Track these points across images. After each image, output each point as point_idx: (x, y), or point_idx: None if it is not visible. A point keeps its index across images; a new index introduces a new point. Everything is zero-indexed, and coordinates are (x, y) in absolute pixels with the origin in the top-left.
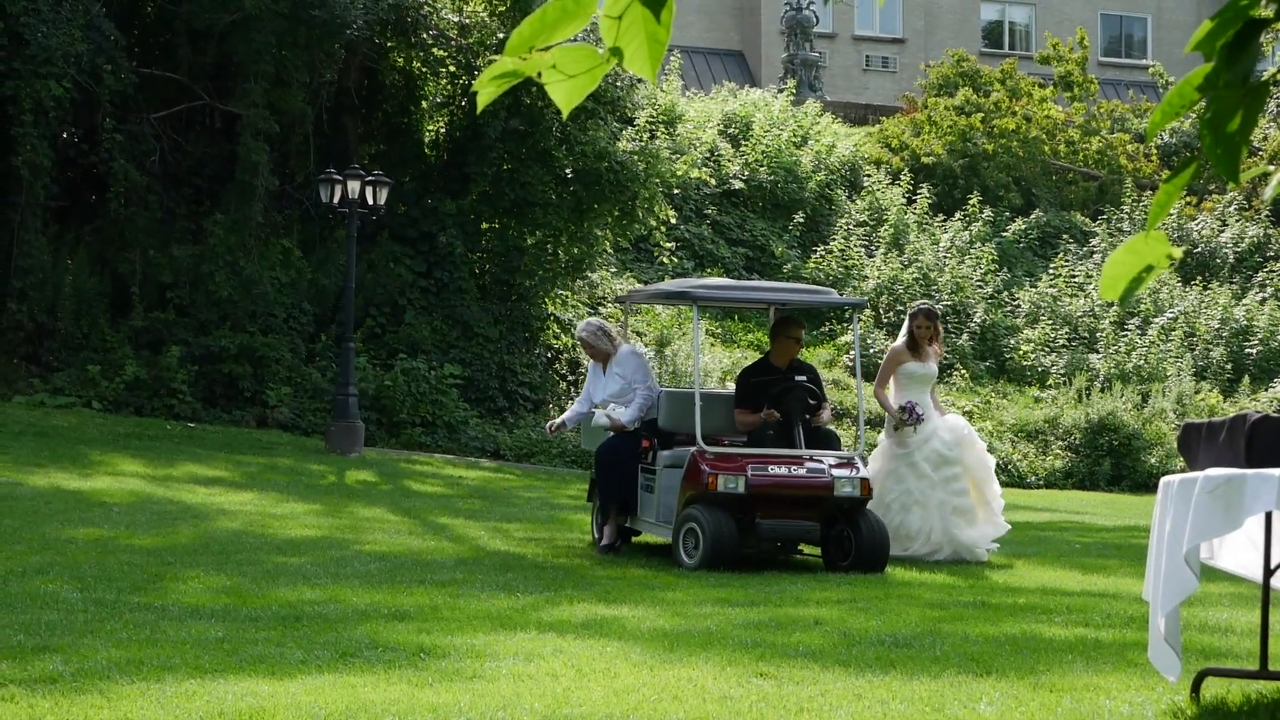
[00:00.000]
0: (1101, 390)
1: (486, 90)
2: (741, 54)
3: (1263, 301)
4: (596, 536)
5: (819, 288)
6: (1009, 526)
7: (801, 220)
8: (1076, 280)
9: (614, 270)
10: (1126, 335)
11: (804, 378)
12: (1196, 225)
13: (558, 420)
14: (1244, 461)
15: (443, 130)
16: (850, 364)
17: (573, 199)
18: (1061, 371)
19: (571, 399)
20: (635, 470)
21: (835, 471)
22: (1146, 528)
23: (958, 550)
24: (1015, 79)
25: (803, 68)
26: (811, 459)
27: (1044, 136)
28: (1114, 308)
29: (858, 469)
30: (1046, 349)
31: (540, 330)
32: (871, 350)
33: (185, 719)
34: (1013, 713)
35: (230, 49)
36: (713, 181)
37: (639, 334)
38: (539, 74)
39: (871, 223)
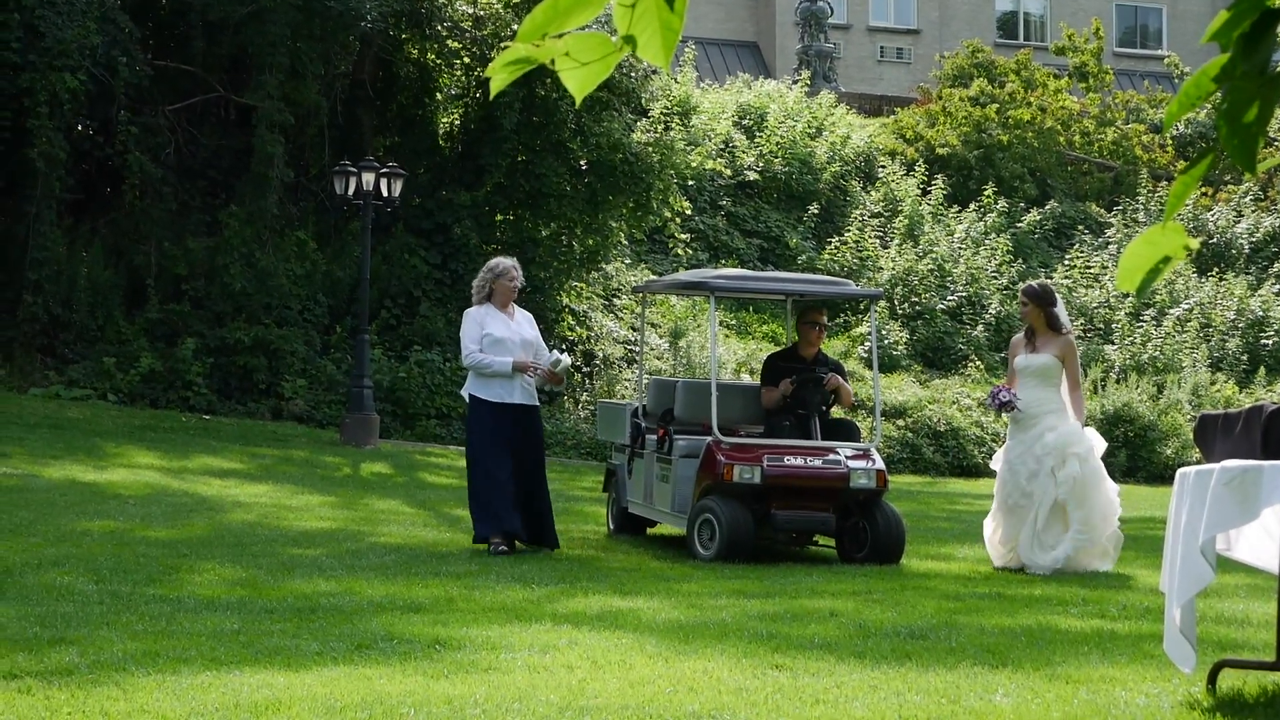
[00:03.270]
0: (1117, 381)
1: (499, 76)
2: (756, 45)
3: (1279, 293)
4: (612, 527)
5: (836, 279)
6: (1049, 569)
7: (816, 211)
8: (1091, 271)
9: (629, 262)
10: (1142, 326)
11: (827, 371)
12: (1212, 216)
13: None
14: (1260, 453)
15: (457, 122)
16: (865, 355)
17: (587, 190)
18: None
19: (586, 390)
20: None
21: (851, 463)
22: (1162, 519)
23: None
24: (1030, 70)
25: (817, 59)
26: (828, 450)
27: (1059, 127)
28: (1129, 299)
29: (874, 460)
30: None
31: (555, 322)
32: (886, 341)
33: (201, 711)
34: (1029, 704)
35: (245, 41)
36: (727, 173)
37: (653, 325)
38: (552, 61)
39: (886, 214)
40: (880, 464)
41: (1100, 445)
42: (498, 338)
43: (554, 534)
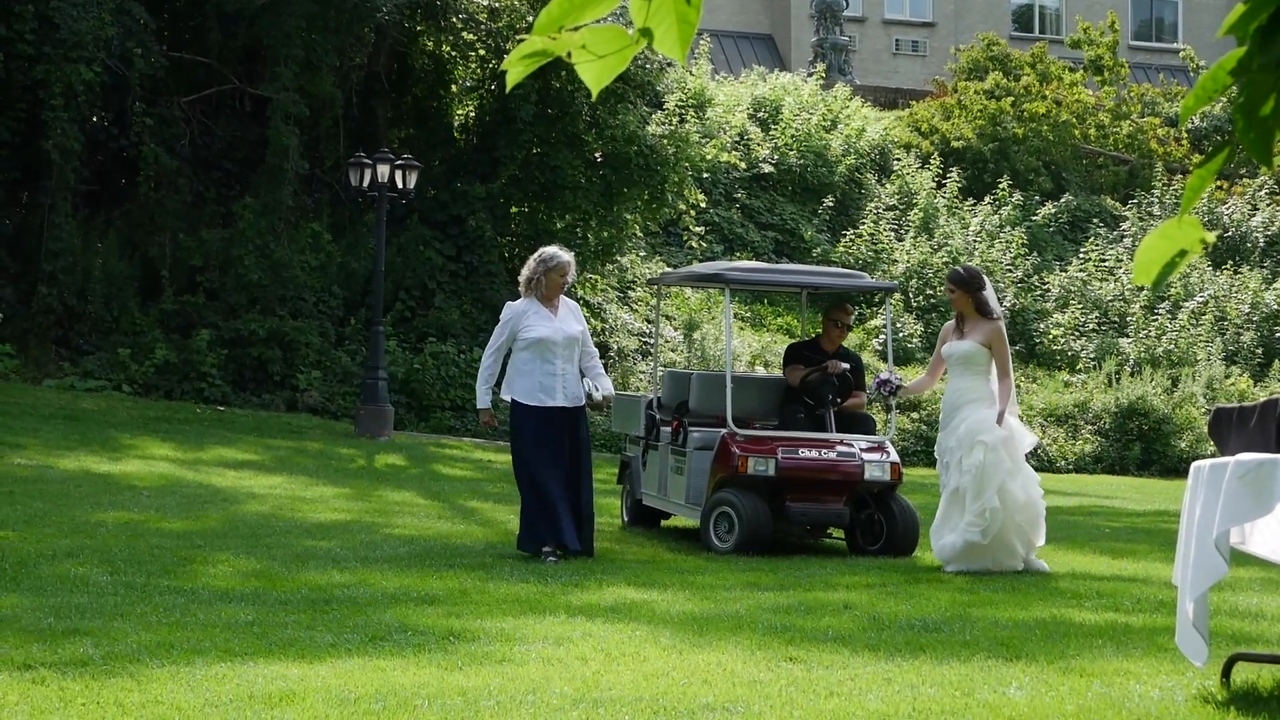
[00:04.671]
0: (1131, 374)
1: (516, 69)
2: (771, 38)
3: None
4: (626, 519)
5: (851, 271)
6: (944, 557)
7: (831, 204)
8: (1106, 264)
9: (643, 254)
10: (1157, 319)
11: (846, 365)
12: (1227, 209)
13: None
14: (1275, 446)
15: (472, 114)
16: (880, 348)
17: (602, 183)
18: (1091, 356)
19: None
20: None
21: (866, 455)
22: (1176, 513)
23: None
24: (1045, 63)
25: (832, 51)
26: (842, 443)
27: (1074, 120)
28: (1144, 292)
29: (888, 453)
30: (1076, 333)
31: None
32: (900, 334)
33: (215, 702)
34: (1042, 697)
35: (260, 33)
36: (742, 165)
37: (668, 317)
38: (568, 54)
39: (901, 207)
40: (894, 456)
41: (1028, 440)
42: (538, 337)
43: (589, 543)
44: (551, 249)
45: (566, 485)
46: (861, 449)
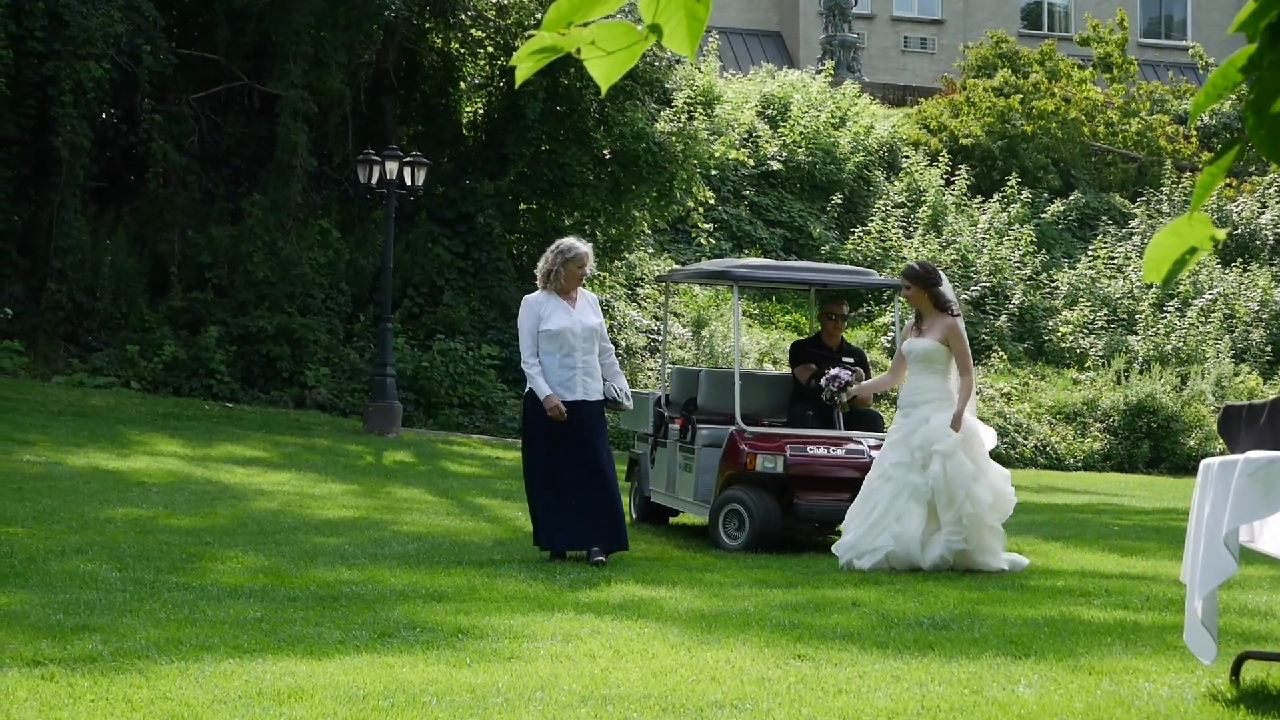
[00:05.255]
0: (1140, 372)
1: (525, 65)
2: (780, 35)
3: None
4: (634, 516)
5: (859, 269)
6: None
7: (839, 201)
8: (1115, 262)
9: (652, 251)
10: (1165, 317)
11: (850, 359)
12: (1236, 207)
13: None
14: None
15: (481, 111)
16: (888, 345)
17: (611, 180)
18: (1100, 353)
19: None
20: None
21: (874, 452)
22: (1185, 510)
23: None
24: (1054, 60)
25: (841, 49)
26: (850, 439)
27: (1083, 118)
28: (1153, 289)
29: None
30: (1085, 331)
31: None
32: None
33: (223, 698)
34: (1051, 695)
35: (269, 29)
36: (750, 162)
37: (676, 314)
38: (577, 50)
39: (910, 204)
40: None
41: (988, 439)
42: (555, 330)
43: (622, 535)
44: (569, 240)
45: (585, 482)
46: (870, 446)
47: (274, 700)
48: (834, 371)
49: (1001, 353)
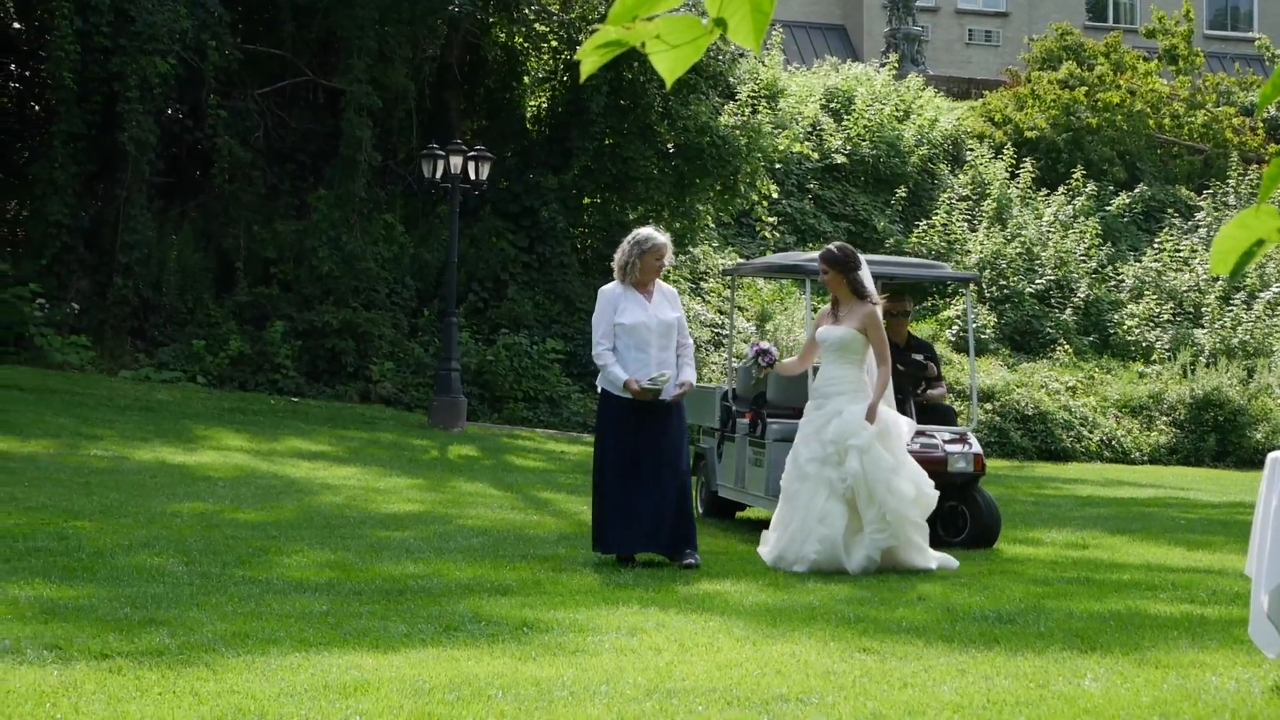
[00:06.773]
0: (1206, 365)
1: (590, 59)
2: (843, 28)
3: None
4: (700, 510)
5: (930, 261)
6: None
7: (904, 194)
8: (1181, 255)
9: (715, 245)
10: (1232, 310)
11: (920, 356)
12: None
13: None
14: None
15: (545, 105)
16: (954, 339)
17: (674, 174)
18: (1166, 346)
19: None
20: None
21: (949, 447)
22: (1251, 504)
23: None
24: (1120, 52)
25: (905, 42)
26: (924, 434)
27: (1148, 110)
28: (1219, 282)
29: (971, 444)
30: (1151, 324)
31: None
32: (974, 325)
33: (290, 691)
34: (1118, 689)
35: (334, 25)
36: (814, 156)
37: (740, 308)
38: (642, 44)
39: (974, 197)
40: (977, 448)
41: (907, 429)
42: (629, 324)
43: (691, 545)
44: (647, 230)
45: (656, 484)
46: (944, 440)
47: (339, 693)
48: (764, 346)
49: (1067, 346)
